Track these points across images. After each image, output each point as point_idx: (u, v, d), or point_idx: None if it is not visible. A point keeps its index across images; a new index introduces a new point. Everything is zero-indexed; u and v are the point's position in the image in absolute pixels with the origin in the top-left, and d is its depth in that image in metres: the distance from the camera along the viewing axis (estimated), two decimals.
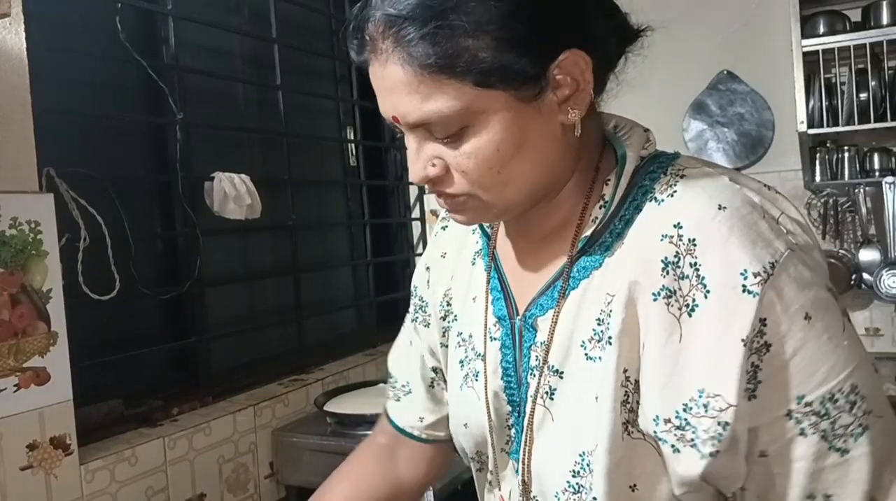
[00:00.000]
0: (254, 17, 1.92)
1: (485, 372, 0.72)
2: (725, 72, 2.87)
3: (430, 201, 2.43)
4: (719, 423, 0.57)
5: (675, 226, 0.60)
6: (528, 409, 0.68)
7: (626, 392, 0.61)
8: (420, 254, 2.42)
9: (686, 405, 0.58)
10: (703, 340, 0.57)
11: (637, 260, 0.61)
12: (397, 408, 0.92)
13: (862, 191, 2.52)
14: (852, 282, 2.58)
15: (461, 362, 0.76)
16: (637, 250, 0.62)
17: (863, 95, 2.46)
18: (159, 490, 1.37)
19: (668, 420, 0.59)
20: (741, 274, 0.57)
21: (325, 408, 1.65)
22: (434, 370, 0.88)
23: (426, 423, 0.88)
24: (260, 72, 1.96)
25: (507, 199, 0.63)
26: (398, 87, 0.60)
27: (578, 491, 0.63)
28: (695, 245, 0.59)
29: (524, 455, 0.69)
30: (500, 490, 0.74)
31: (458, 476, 1.40)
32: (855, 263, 2.58)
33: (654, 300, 0.59)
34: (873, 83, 2.43)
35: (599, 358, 0.62)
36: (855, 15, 2.58)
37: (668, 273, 0.59)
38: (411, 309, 0.92)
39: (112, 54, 1.48)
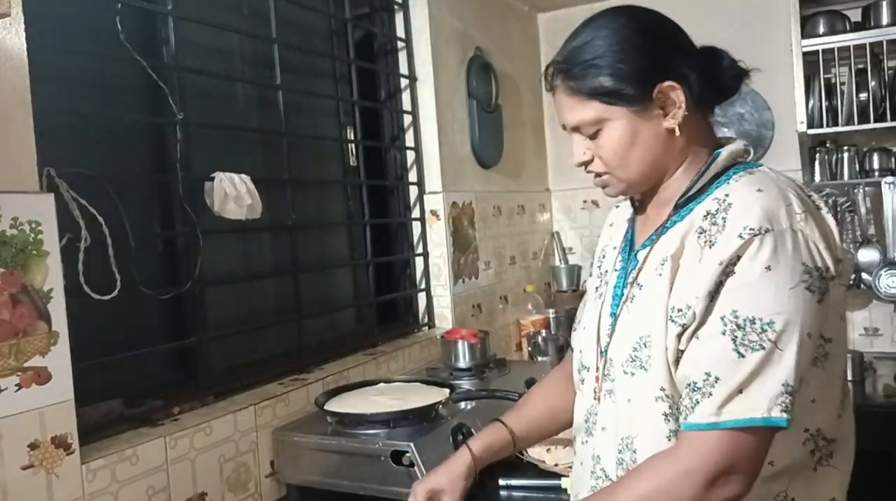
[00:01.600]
0: (254, 16, 1.93)
1: (606, 292, 1.08)
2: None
3: (430, 201, 2.44)
4: (688, 306, 0.90)
5: (726, 196, 0.93)
6: (618, 312, 1.03)
7: (667, 296, 0.93)
8: (420, 254, 2.43)
9: (688, 303, 0.90)
10: (706, 261, 0.89)
11: (697, 215, 0.94)
12: (573, 337, 1.24)
13: (861, 191, 2.52)
14: (851, 282, 2.59)
15: (596, 288, 1.13)
16: (700, 211, 0.94)
17: (862, 95, 2.47)
18: (160, 489, 1.37)
19: (675, 309, 0.92)
20: (743, 227, 0.88)
21: (326, 408, 1.65)
22: None
23: None
24: (260, 72, 1.96)
25: (629, 176, 1.01)
26: (563, 106, 1.01)
27: (635, 361, 0.97)
28: (730, 205, 0.91)
29: (609, 341, 1.03)
30: (587, 383, 1.08)
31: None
32: (854, 263, 2.58)
33: (695, 236, 0.92)
34: (873, 83, 2.44)
35: (660, 274, 0.96)
36: (855, 15, 2.58)
37: (706, 219, 0.92)
38: (593, 266, 1.23)
39: (112, 54, 1.48)
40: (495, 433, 1.28)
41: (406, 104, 2.42)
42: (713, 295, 0.88)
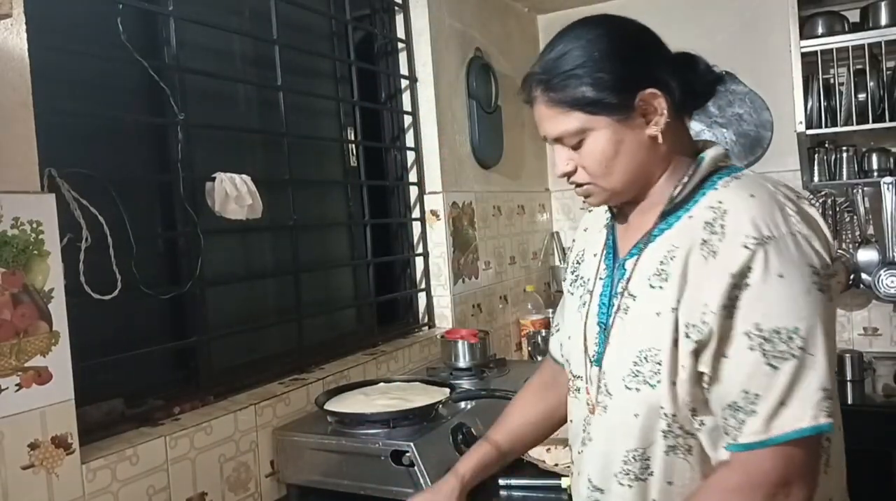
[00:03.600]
0: (255, 17, 1.93)
1: (590, 301, 1.07)
2: (724, 72, 2.88)
3: (430, 201, 2.44)
4: (703, 321, 0.89)
5: (719, 202, 0.93)
6: (611, 322, 1.01)
7: (675, 311, 0.92)
8: (420, 254, 2.43)
9: (701, 312, 0.89)
10: (713, 272, 0.89)
11: (695, 226, 0.93)
12: (552, 341, 1.28)
13: (860, 191, 2.53)
14: (851, 282, 2.59)
15: (580, 296, 1.11)
16: (697, 219, 0.94)
17: (861, 96, 2.47)
18: (160, 488, 1.38)
19: (689, 324, 0.90)
20: (746, 235, 0.88)
21: (326, 407, 1.65)
22: None
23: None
24: (261, 72, 1.96)
25: (613, 185, 0.99)
26: (543, 117, 1.00)
27: (637, 376, 0.95)
28: (726, 213, 0.91)
29: (600, 352, 1.02)
30: (581, 393, 1.07)
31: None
32: (853, 263, 2.59)
33: (699, 247, 0.91)
34: (871, 84, 2.44)
35: (661, 287, 0.95)
36: (853, 16, 2.59)
37: (706, 229, 0.92)
38: (570, 266, 1.22)
39: (113, 55, 1.48)
40: (482, 452, 1.28)
41: (406, 105, 2.42)
42: (729, 309, 0.87)
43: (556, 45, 1.00)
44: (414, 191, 2.44)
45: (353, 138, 2.26)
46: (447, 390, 1.72)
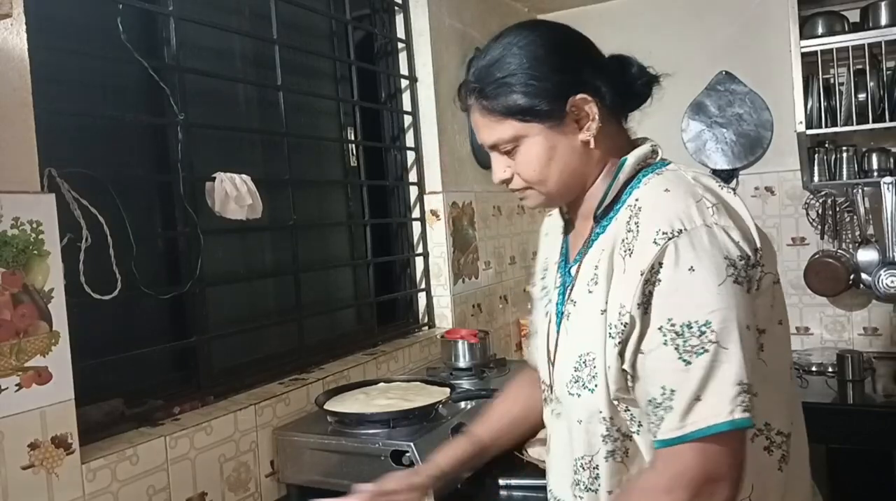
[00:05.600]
0: (255, 17, 1.93)
1: (552, 310, 1.07)
2: (724, 72, 2.88)
3: (430, 201, 2.44)
4: (622, 322, 0.89)
5: (636, 201, 0.93)
6: (560, 330, 1.02)
7: (604, 313, 0.92)
8: (420, 254, 2.43)
9: (618, 312, 0.90)
10: (628, 271, 0.89)
11: (619, 226, 0.94)
12: (529, 347, 1.26)
13: (860, 191, 2.53)
14: (850, 282, 2.59)
15: (544, 306, 1.11)
16: (620, 220, 0.94)
17: (861, 96, 2.47)
18: (160, 488, 1.38)
19: (611, 324, 0.91)
20: (656, 231, 0.87)
21: (326, 407, 1.65)
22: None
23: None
24: (261, 72, 1.96)
25: (548, 190, 1.00)
26: (478, 125, 1.01)
27: (578, 381, 0.96)
28: (640, 209, 0.92)
29: (553, 362, 1.04)
30: (546, 401, 1.09)
31: (459, 476, 1.40)
32: (853, 263, 2.59)
33: (619, 247, 0.92)
34: (871, 84, 2.44)
35: (591, 291, 0.96)
36: (853, 16, 2.59)
37: (625, 228, 0.92)
38: (538, 269, 1.23)
39: (113, 55, 1.48)
40: (463, 445, 1.25)
41: (406, 105, 2.42)
42: (644, 306, 0.87)
43: (488, 52, 0.99)
44: (414, 190, 2.44)
45: (353, 138, 2.26)
46: (447, 390, 1.72)
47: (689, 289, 0.85)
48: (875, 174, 2.55)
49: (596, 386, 0.93)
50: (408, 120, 2.42)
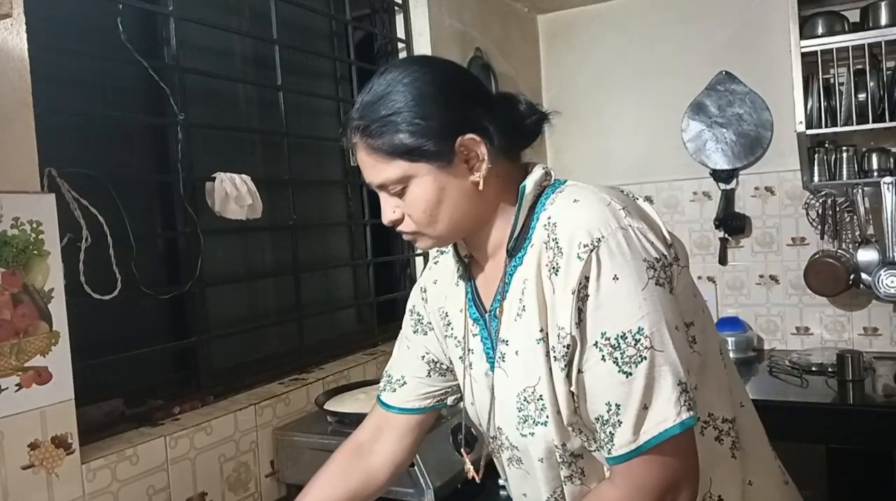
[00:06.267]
0: (255, 17, 1.93)
1: (473, 359, 1.02)
2: (724, 72, 2.88)
3: None
4: (563, 345, 0.87)
5: (549, 219, 0.91)
6: (495, 374, 0.98)
7: (544, 338, 0.90)
8: (420, 254, 2.43)
9: (558, 334, 0.87)
10: (559, 291, 0.87)
11: (538, 251, 0.91)
12: (392, 397, 1.17)
13: (860, 191, 2.52)
14: (850, 282, 2.59)
15: (460, 358, 1.06)
16: (537, 245, 0.91)
17: (861, 96, 2.47)
18: (160, 488, 1.38)
19: (553, 347, 0.88)
20: (577, 244, 0.85)
21: (326, 407, 1.65)
22: (430, 363, 1.16)
23: (420, 396, 1.16)
24: (261, 72, 1.96)
25: (439, 232, 0.95)
26: (365, 164, 0.95)
27: (527, 421, 0.93)
28: (555, 225, 0.89)
29: (492, 410, 0.99)
30: (496, 451, 1.03)
31: (458, 476, 1.40)
32: (853, 263, 2.58)
33: (546, 269, 0.89)
34: (871, 84, 2.44)
35: (522, 319, 0.92)
36: (853, 16, 2.59)
37: (546, 249, 0.89)
38: (409, 323, 1.19)
39: (113, 55, 1.48)
40: None
41: None
42: (579, 324, 0.85)
43: (373, 86, 0.94)
44: None
45: None
46: None
47: (616, 299, 0.84)
48: (875, 174, 2.55)
49: (547, 417, 0.90)
50: None
